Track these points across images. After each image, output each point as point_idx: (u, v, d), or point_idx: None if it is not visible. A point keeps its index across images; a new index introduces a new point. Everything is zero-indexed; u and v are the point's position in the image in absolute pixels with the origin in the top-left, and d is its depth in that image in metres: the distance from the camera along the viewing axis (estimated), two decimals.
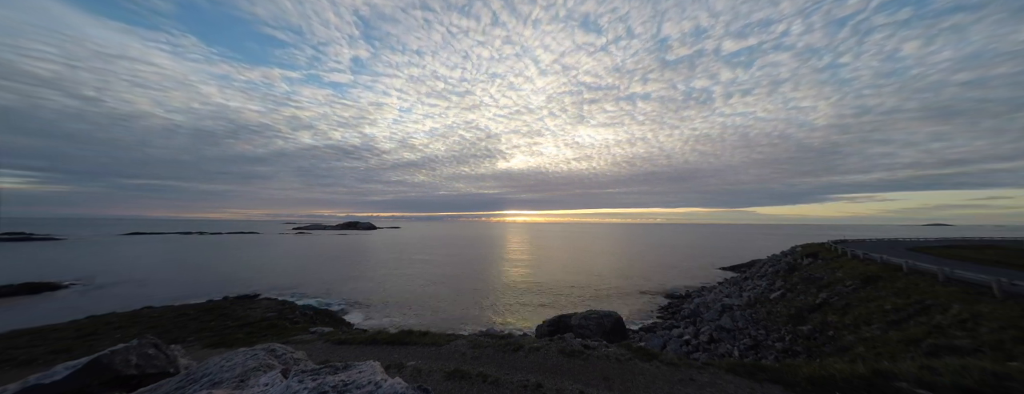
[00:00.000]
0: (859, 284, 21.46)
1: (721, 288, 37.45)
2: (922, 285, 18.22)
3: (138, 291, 37.79)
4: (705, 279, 47.31)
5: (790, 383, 7.04)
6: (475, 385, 7.11)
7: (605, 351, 9.13)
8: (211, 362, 5.64)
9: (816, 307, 20.66)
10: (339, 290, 40.53)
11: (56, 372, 5.36)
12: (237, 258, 71.25)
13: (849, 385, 6.71)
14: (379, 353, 10.17)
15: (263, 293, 35.99)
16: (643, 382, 7.38)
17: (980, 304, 14.20)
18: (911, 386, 6.43)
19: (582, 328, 20.69)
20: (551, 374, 7.87)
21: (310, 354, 7.65)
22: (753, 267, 47.36)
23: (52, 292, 37.71)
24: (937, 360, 7.95)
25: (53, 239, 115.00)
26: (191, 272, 52.05)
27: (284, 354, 5.92)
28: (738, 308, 25.00)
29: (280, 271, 54.04)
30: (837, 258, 31.14)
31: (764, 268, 39.76)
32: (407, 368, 8.07)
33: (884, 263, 25.14)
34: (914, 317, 15.06)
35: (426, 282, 45.50)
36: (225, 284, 41.41)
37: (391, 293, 39.03)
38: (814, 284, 25.12)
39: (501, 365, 8.50)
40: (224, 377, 5.03)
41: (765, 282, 32.39)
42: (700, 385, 7.18)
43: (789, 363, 8.64)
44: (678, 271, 55.62)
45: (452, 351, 9.75)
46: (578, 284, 44.21)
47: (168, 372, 6.05)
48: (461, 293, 38.82)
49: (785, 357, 16.32)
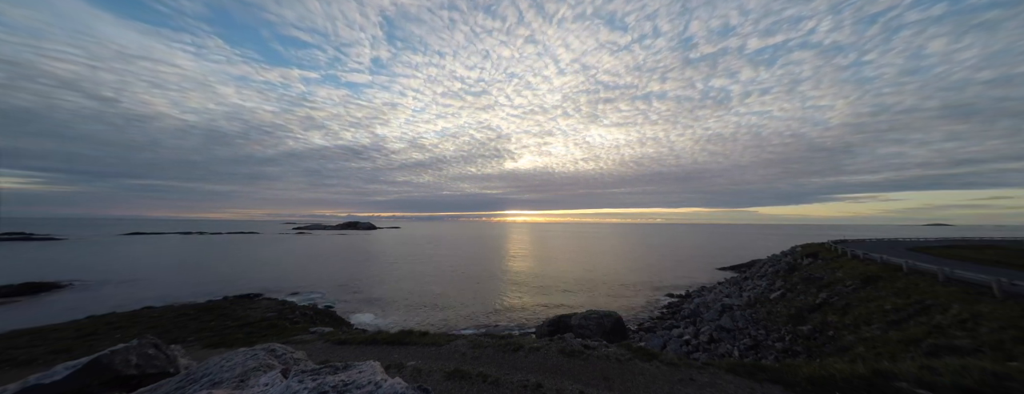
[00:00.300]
0: (859, 284, 21.45)
1: (721, 288, 37.44)
2: (922, 285, 18.22)
3: (138, 291, 37.79)
4: (705, 279, 47.31)
5: (790, 383, 7.04)
6: (475, 385, 7.11)
7: (605, 351, 9.13)
8: (211, 362, 5.64)
9: (816, 307, 20.66)
10: (339, 290, 40.52)
11: (56, 372, 5.36)
12: (237, 258, 71.26)
13: (849, 385, 6.71)
14: (379, 353, 10.17)
15: (263, 293, 35.99)
16: (643, 382, 7.38)
17: (980, 304, 14.20)
18: (911, 386, 6.43)
19: (582, 328, 20.70)
20: (551, 374, 7.87)
21: (310, 354, 7.65)
22: (753, 267, 47.35)
23: (52, 292, 37.71)
24: (937, 360, 7.95)
25: (53, 239, 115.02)
26: (191, 272, 52.05)
27: (284, 354, 5.92)
28: (738, 308, 25.00)
29: (280, 271, 54.03)
30: (837, 258, 31.14)
31: (764, 268, 39.75)
32: (407, 368, 8.07)
33: (884, 263, 25.14)
34: (914, 317, 15.06)
35: (426, 282, 45.50)
36: (225, 284, 41.41)
37: (391, 293, 39.03)
38: (814, 284, 25.12)
39: (501, 365, 8.50)
40: (224, 377, 5.03)
41: (765, 282, 32.39)
42: (700, 385, 7.17)
43: (789, 363, 8.64)
44: (678, 271, 55.62)
45: (452, 351, 9.74)
46: (578, 284, 44.21)
47: (168, 372, 6.05)
48: (461, 293, 38.82)
49: (785, 357, 16.32)
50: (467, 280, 46.99)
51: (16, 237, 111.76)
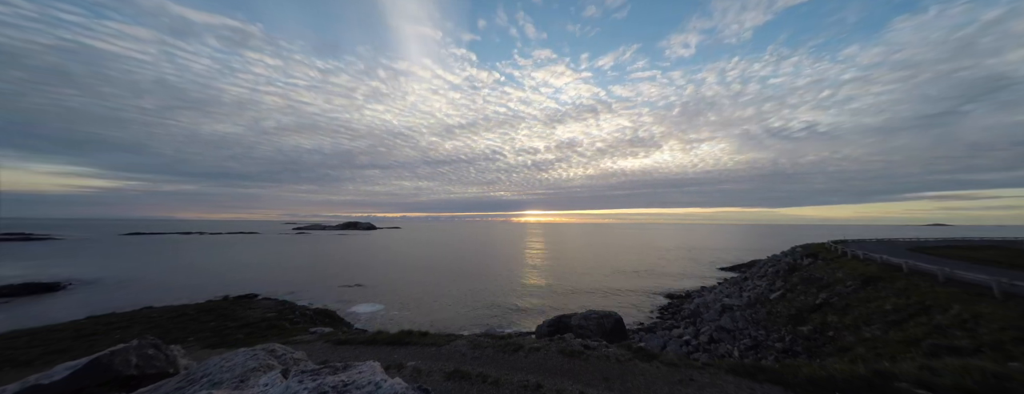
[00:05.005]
0: (859, 284, 21.46)
1: (721, 288, 37.45)
2: (922, 285, 18.22)
3: (138, 291, 37.76)
4: (705, 279, 47.30)
5: (790, 383, 7.04)
6: (475, 385, 7.11)
7: (605, 351, 9.13)
8: (211, 362, 5.64)
9: (816, 307, 20.66)
10: (339, 290, 40.49)
11: (56, 372, 5.36)
12: (237, 258, 71.25)
13: (849, 385, 6.71)
14: (379, 353, 10.17)
15: (263, 293, 35.96)
16: (643, 382, 7.38)
17: (980, 305, 14.21)
18: (911, 386, 6.43)
19: (582, 328, 20.68)
20: (551, 374, 7.87)
21: (310, 354, 7.65)
22: (753, 267, 47.37)
23: (51, 292, 37.68)
24: (937, 360, 7.96)
25: (52, 239, 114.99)
26: (191, 272, 52.01)
27: (284, 354, 5.93)
28: (738, 308, 25.00)
29: (280, 271, 54.03)
30: (837, 258, 31.14)
31: (764, 268, 39.76)
32: (407, 368, 8.07)
33: (884, 263, 25.14)
34: (914, 317, 15.06)
35: (426, 282, 45.48)
36: (225, 284, 41.37)
37: (391, 293, 39.01)
38: (814, 284, 25.13)
39: (501, 365, 8.50)
40: (224, 377, 5.04)
41: (765, 282, 32.40)
42: (700, 385, 7.18)
43: (789, 363, 8.65)
44: (678, 271, 55.62)
45: (452, 351, 9.75)
46: (578, 284, 44.21)
47: (168, 372, 6.05)
48: (461, 293, 38.81)
49: (785, 357, 16.32)
50: (467, 280, 46.98)
51: (15, 237, 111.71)
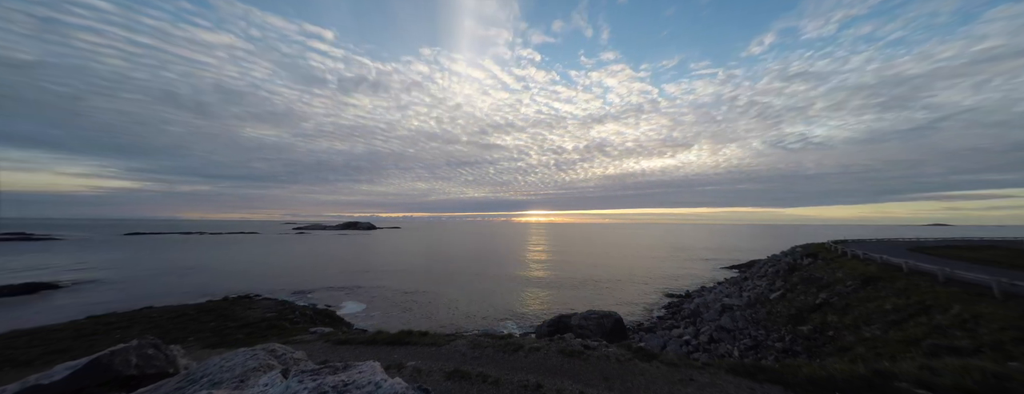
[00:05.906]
0: (859, 284, 21.46)
1: (721, 288, 37.43)
2: (922, 285, 18.23)
3: (138, 291, 37.73)
4: (705, 279, 47.30)
5: (790, 383, 7.04)
6: (475, 385, 7.11)
7: (605, 351, 9.13)
8: (211, 362, 5.64)
9: (816, 307, 20.66)
10: (339, 290, 40.49)
11: (56, 372, 5.36)
12: (237, 258, 71.24)
13: (849, 385, 6.71)
14: (379, 353, 10.17)
15: (263, 293, 35.96)
16: (643, 382, 7.38)
17: (980, 305, 14.21)
18: (911, 386, 6.43)
19: (582, 328, 20.70)
20: (551, 374, 7.87)
21: (310, 354, 7.65)
22: (753, 267, 47.36)
23: (51, 292, 37.66)
24: (937, 360, 7.96)
25: (52, 239, 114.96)
26: (191, 272, 52.00)
27: (284, 354, 5.92)
28: (738, 308, 25.00)
29: (280, 271, 54.02)
30: (837, 258, 31.15)
31: (764, 268, 39.77)
32: (407, 368, 8.07)
33: (884, 263, 25.14)
34: (914, 317, 15.06)
35: (426, 282, 45.48)
36: (225, 284, 41.36)
37: (391, 293, 39.00)
38: (814, 284, 25.13)
39: (501, 365, 8.50)
40: (224, 377, 5.03)
41: (765, 282, 32.41)
42: (700, 385, 7.18)
43: (789, 363, 8.65)
44: (678, 271, 55.61)
45: (452, 351, 9.75)
46: (578, 284, 44.21)
47: (168, 372, 6.05)
48: (461, 293, 38.80)
49: (785, 357, 16.32)
50: (467, 280, 46.97)
51: (15, 237, 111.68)
